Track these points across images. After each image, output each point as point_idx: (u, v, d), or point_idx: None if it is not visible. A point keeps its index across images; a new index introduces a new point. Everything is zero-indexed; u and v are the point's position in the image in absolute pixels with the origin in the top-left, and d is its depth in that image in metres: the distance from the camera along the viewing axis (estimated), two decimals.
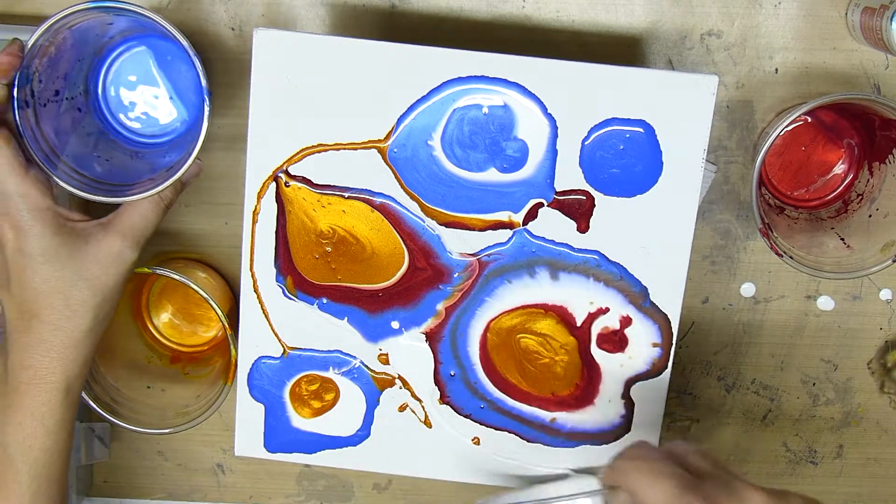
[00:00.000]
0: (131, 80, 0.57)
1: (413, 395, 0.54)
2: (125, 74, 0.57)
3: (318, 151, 0.50)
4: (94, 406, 0.57)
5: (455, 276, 0.52)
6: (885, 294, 0.62)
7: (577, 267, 0.51)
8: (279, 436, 0.54)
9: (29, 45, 0.49)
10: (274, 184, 0.50)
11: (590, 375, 0.53)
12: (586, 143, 0.49)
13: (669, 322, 0.52)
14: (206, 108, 0.50)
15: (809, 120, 0.59)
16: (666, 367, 0.52)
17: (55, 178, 0.50)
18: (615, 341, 0.52)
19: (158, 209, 0.52)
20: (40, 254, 0.48)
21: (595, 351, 0.52)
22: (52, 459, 0.49)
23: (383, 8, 0.58)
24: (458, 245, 0.51)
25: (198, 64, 0.49)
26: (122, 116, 0.58)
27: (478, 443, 0.54)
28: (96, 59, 0.56)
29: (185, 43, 0.49)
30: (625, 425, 0.53)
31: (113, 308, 0.51)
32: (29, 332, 0.49)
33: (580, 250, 0.51)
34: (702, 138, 0.49)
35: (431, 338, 0.53)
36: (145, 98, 0.58)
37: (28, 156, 0.50)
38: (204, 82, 0.49)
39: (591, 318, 0.52)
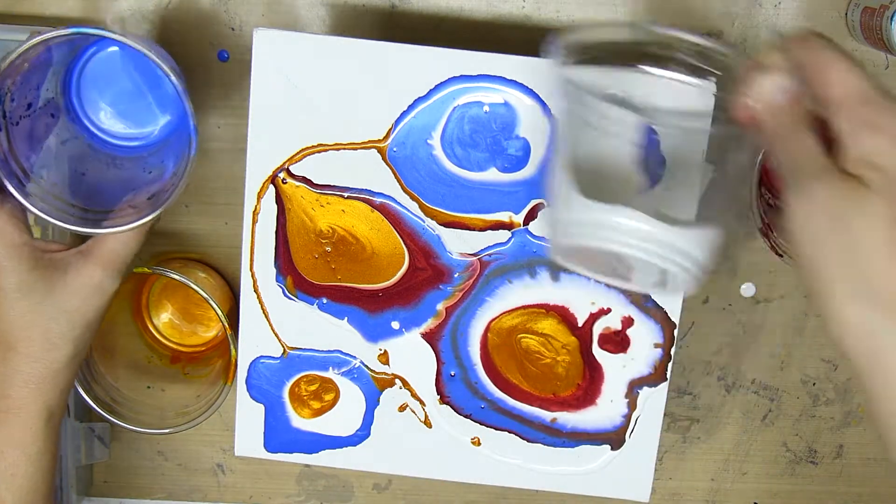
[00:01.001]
0: (105, 81, 0.55)
1: (413, 395, 0.54)
2: (100, 76, 0.55)
3: (318, 151, 0.50)
4: (94, 406, 0.57)
5: (455, 276, 0.52)
6: None
7: None
8: (279, 436, 0.54)
9: (2, 69, 0.46)
10: (273, 184, 0.50)
11: (591, 376, 0.53)
12: None
13: (671, 322, 0.52)
14: (193, 144, 0.47)
15: None
16: (667, 368, 0.52)
17: (30, 207, 0.48)
18: (617, 342, 0.52)
19: (140, 234, 0.50)
20: (16, 289, 0.47)
21: (597, 351, 0.52)
22: (36, 486, 0.49)
23: (383, 8, 0.58)
24: (458, 245, 0.51)
25: (187, 104, 0.47)
26: (97, 119, 0.56)
27: (478, 443, 0.54)
28: (71, 61, 0.54)
29: (173, 79, 0.47)
30: (626, 425, 0.53)
31: (93, 336, 0.51)
32: (5, 363, 0.48)
33: None
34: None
35: (432, 338, 0.53)
36: (121, 99, 0.56)
37: (1, 185, 0.48)
38: (192, 121, 0.47)
39: (593, 318, 0.52)
